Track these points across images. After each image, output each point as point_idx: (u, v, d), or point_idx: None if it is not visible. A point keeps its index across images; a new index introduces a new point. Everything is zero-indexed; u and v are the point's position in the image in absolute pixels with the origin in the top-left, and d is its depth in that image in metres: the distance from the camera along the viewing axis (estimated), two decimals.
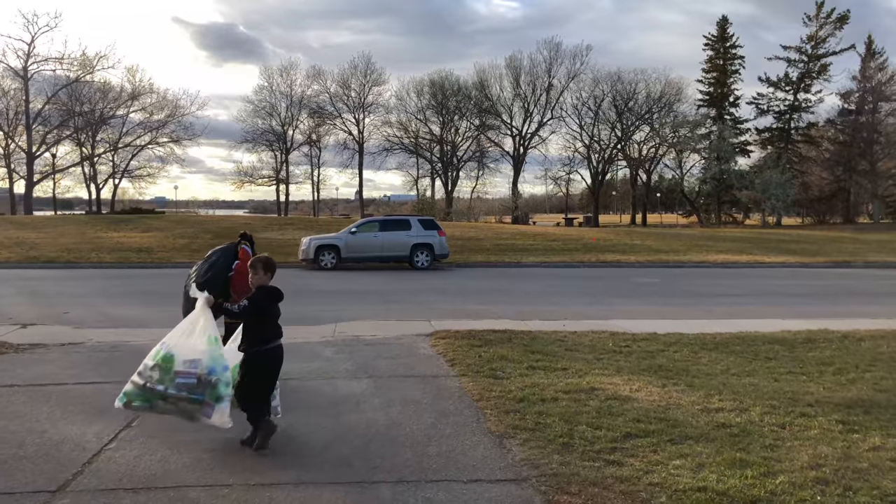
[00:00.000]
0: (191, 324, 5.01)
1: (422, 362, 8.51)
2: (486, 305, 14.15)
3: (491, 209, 76.24)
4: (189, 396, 4.85)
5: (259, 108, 68.34)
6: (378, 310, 13.42)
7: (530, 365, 8.16)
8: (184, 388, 4.84)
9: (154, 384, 4.87)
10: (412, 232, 23.26)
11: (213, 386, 4.90)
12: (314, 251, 22.42)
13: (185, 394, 4.84)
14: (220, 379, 4.93)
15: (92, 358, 8.81)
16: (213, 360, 4.93)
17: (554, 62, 70.29)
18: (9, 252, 24.69)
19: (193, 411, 4.90)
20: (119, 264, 23.17)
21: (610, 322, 11.82)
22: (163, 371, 4.88)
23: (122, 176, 65.68)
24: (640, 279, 20.83)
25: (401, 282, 19.30)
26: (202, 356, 4.91)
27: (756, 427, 5.82)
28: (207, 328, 4.98)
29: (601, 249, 29.57)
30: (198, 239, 28.67)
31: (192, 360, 4.89)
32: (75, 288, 17.24)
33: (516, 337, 10.01)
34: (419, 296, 16.01)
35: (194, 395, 4.85)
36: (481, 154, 72.76)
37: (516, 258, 26.44)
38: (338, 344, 9.65)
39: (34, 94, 57.48)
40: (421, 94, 70.66)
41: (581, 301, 15.38)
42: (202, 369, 4.89)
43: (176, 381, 4.84)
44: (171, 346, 4.94)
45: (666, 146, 70.50)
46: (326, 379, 7.64)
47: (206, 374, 4.89)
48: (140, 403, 4.91)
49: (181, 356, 4.88)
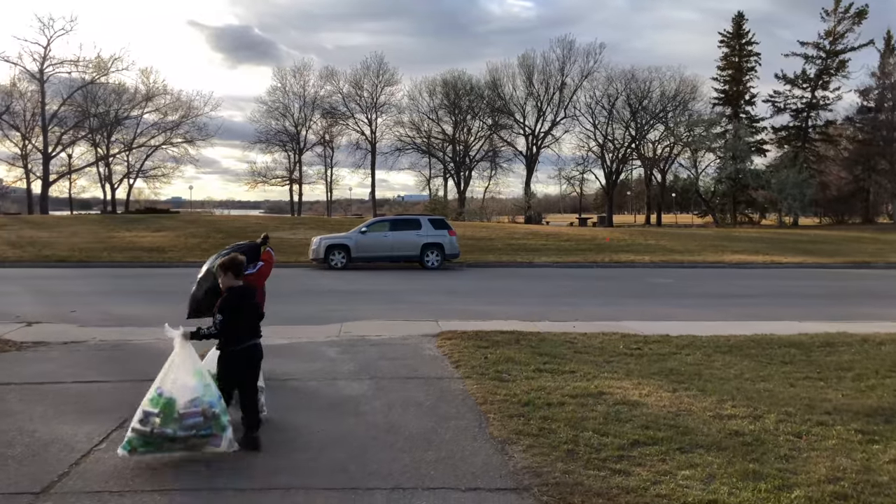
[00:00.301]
0: (177, 364, 5.04)
1: (426, 363, 8.31)
2: (496, 306, 13.93)
3: (504, 209, 75.90)
4: (198, 434, 4.93)
5: (272, 108, 68.54)
6: (386, 310, 13.24)
7: (537, 367, 7.95)
8: (192, 428, 4.91)
9: (161, 429, 4.86)
10: (422, 231, 23.07)
11: (217, 417, 5.00)
12: (324, 251, 22.29)
13: (195, 432, 4.92)
14: (220, 409, 5.02)
15: (93, 357, 8.71)
16: (208, 393, 5.01)
17: (567, 61, 69.86)
18: (21, 251, 24.78)
19: (202, 445, 4.97)
20: (130, 263, 23.16)
21: (622, 323, 11.58)
22: (166, 416, 4.89)
23: (136, 176, 66.15)
24: (654, 280, 20.53)
25: (410, 282, 19.12)
26: (198, 393, 4.97)
27: (770, 436, 5.57)
28: (193, 364, 5.05)
29: (614, 249, 29.24)
30: (209, 238, 28.62)
31: (192, 399, 4.95)
32: (84, 287, 17.21)
33: (524, 338, 9.80)
34: (428, 296, 15.83)
35: (203, 431, 4.94)
36: (494, 154, 72.32)
37: (528, 258, 26.19)
38: (342, 344, 9.47)
39: (50, 96, 58.10)
40: (433, 94, 70.55)
41: (593, 302, 15.12)
42: (204, 405, 4.97)
43: (183, 422, 4.89)
44: (169, 391, 4.96)
45: (681, 145, 69.79)
46: (328, 380, 7.47)
47: (209, 408, 4.98)
48: (146, 449, 4.87)
49: (181, 398, 4.93)
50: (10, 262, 22.95)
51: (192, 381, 4.97)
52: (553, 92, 70.56)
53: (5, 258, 23.42)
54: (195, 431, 4.89)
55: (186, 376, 4.98)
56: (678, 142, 69.50)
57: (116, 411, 6.05)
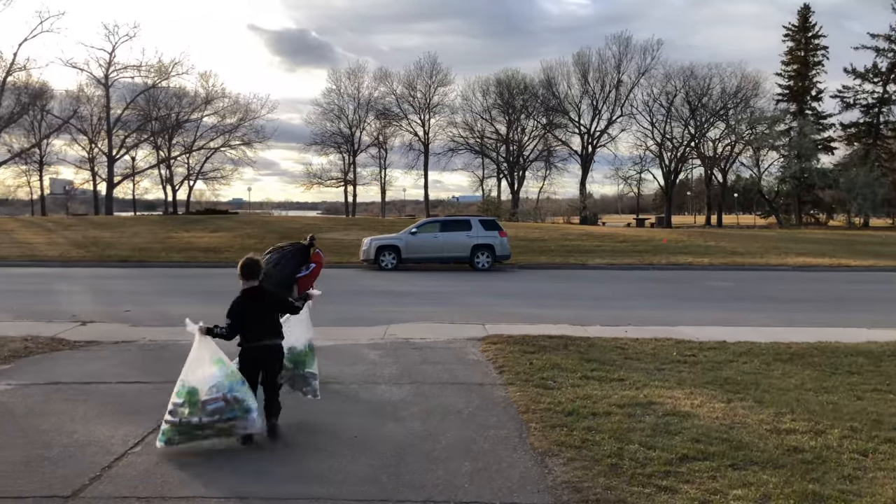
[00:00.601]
0: (197, 356, 5.28)
1: (469, 368, 8.11)
2: (546, 309, 13.64)
3: (559, 210, 74.93)
4: (223, 418, 5.15)
5: (328, 110, 69.23)
6: (433, 312, 13.09)
7: (584, 374, 7.66)
8: (216, 413, 5.14)
9: (188, 417, 5.11)
10: (473, 232, 22.87)
11: (239, 402, 5.19)
12: (375, 252, 22.33)
13: (218, 417, 5.14)
14: (242, 393, 5.22)
15: (140, 357, 8.81)
16: (229, 379, 5.23)
17: (623, 58, 68.21)
18: (86, 251, 25.61)
19: (230, 429, 5.20)
20: (187, 263, 23.66)
21: (676, 328, 11.15)
22: (191, 404, 5.14)
23: (196, 178, 67.99)
24: (713, 282, 19.84)
25: (460, 283, 18.95)
26: (218, 379, 5.20)
27: (833, 453, 5.18)
28: (211, 354, 5.28)
29: (672, 251, 28.47)
30: (265, 239, 28.98)
31: (213, 385, 5.18)
32: (142, 286, 17.61)
33: (573, 343, 9.50)
34: (477, 298, 15.63)
35: (227, 415, 5.16)
36: (548, 153, 71.39)
37: (581, 260, 25.71)
38: (385, 347, 9.35)
39: (115, 101, 60.14)
40: (487, 94, 70.12)
41: (648, 305, 14.66)
42: (224, 390, 5.18)
43: (206, 408, 5.13)
44: (191, 381, 5.22)
45: (742, 144, 67.47)
46: (368, 384, 7.35)
47: (228, 392, 5.18)
48: (180, 438, 5.11)
49: (202, 386, 5.18)
50: (74, 261, 23.74)
51: (212, 369, 5.19)
52: (609, 90, 69.20)
53: (70, 258, 24.24)
54: (218, 416, 5.11)
55: (206, 366, 5.21)
56: (739, 140, 67.24)
57: (155, 413, 6.03)
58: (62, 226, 34.07)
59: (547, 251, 27.97)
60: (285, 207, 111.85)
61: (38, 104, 55.94)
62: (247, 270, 5.52)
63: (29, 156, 59.89)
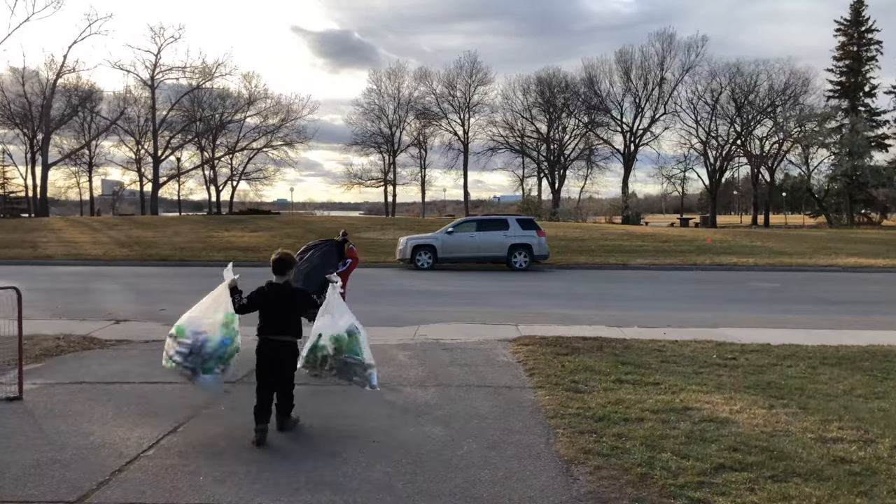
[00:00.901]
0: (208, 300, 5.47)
1: (498, 371, 7.87)
2: (583, 310, 13.30)
3: (600, 209, 73.85)
4: (182, 365, 5.31)
5: (368, 110, 69.56)
6: (466, 312, 12.87)
7: (618, 378, 7.36)
8: (181, 356, 5.31)
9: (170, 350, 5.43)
10: (510, 232, 22.56)
11: (202, 358, 5.27)
12: (411, 251, 22.20)
13: (181, 361, 5.30)
14: (207, 353, 5.26)
15: None
16: (208, 333, 5.29)
17: (667, 55, 66.83)
18: (129, 250, 26.08)
19: (189, 377, 5.39)
20: (224, 262, 23.82)
21: (718, 330, 10.73)
22: (174, 339, 5.44)
23: (239, 178, 68.91)
24: (758, 283, 19.19)
25: (496, 283, 18.68)
26: (203, 328, 5.30)
27: (883, 464, 4.81)
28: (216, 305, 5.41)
29: (716, 251, 27.71)
30: (303, 239, 29.08)
31: (195, 330, 5.30)
32: (180, 285, 17.76)
33: (608, 345, 9.19)
34: (513, 298, 15.35)
35: (185, 365, 5.30)
36: (590, 152, 70.47)
37: (622, 260, 25.17)
38: (415, 348, 9.16)
39: (160, 103, 61.39)
40: (527, 93, 69.44)
41: (688, 306, 14.19)
42: (198, 341, 5.28)
43: (177, 348, 5.35)
44: (184, 320, 5.45)
45: (791, 141, 65.48)
46: (393, 386, 7.15)
47: (200, 344, 5.26)
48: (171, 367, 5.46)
49: (189, 328, 5.36)
50: (117, 260, 24.19)
51: (207, 318, 5.34)
52: (652, 88, 67.91)
53: (113, 257, 24.70)
54: (181, 361, 5.30)
55: (206, 312, 5.38)
56: (788, 138, 65.30)
57: (174, 414, 5.96)
58: (107, 225, 34.81)
59: (586, 251, 27.49)
60: (328, 208, 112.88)
61: (87, 106, 57.44)
62: (277, 265, 5.57)
63: (79, 157, 61.55)
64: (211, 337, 5.27)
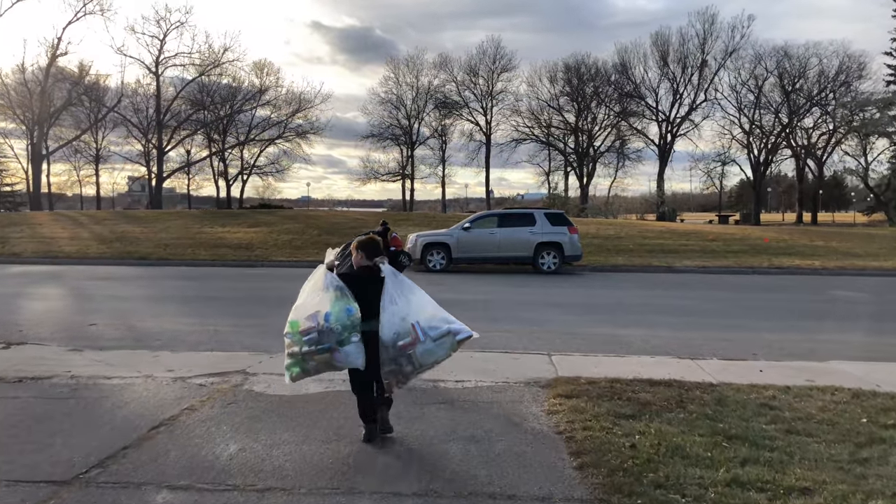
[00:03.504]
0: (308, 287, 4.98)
1: (527, 454, 4.75)
2: (632, 328, 10.17)
3: (631, 206, 69.77)
4: (319, 348, 4.80)
5: (385, 100, 65.85)
6: (483, 329, 9.67)
7: (733, 477, 4.27)
8: (312, 343, 4.81)
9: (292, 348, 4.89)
10: (536, 228, 19.35)
11: (333, 332, 4.76)
12: (421, 250, 19.13)
13: (315, 347, 4.80)
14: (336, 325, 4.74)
15: (29, 408, 5.82)
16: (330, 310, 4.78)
17: (708, 36, 61.73)
18: (106, 247, 23.37)
19: (329, 360, 4.85)
20: (211, 262, 21.08)
21: (830, 366, 7.66)
22: (292, 336, 4.88)
23: (250, 172, 65.71)
24: (837, 292, 15.83)
25: (520, 290, 15.50)
26: (317, 308, 4.81)
27: None
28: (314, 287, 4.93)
29: (773, 252, 24.28)
30: (303, 235, 26.30)
31: (310, 314, 4.84)
32: (139, 290, 14.86)
33: (691, 397, 6.07)
34: (542, 311, 12.19)
35: (322, 345, 4.79)
36: (622, 143, 65.97)
37: (666, 262, 21.85)
38: (399, 397, 6.05)
39: (168, 94, 58.22)
40: (554, 81, 65.25)
41: (766, 325, 10.95)
42: (320, 319, 4.79)
43: (303, 338, 4.83)
44: (292, 314, 4.92)
45: (843, 132, 60.30)
46: (329, 496, 4.06)
47: (324, 322, 4.78)
48: (298, 371, 4.92)
49: (301, 316, 4.86)
50: (89, 258, 21.55)
51: (315, 299, 4.87)
52: (691, 72, 62.87)
53: (86, 255, 22.05)
54: (315, 346, 4.80)
55: (311, 296, 4.90)
56: (839, 127, 60.08)
57: None
58: (95, 220, 32.10)
59: (624, 251, 24.19)
60: (348, 205, 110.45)
61: (79, 90, 53.99)
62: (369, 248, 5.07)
63: (82, 150, 59.04)
64: (331, 310, 4.78)
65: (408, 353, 4.76)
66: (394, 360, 4.76)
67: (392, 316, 4.76)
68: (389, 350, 4.74)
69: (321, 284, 4.89)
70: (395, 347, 4.74)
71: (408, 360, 4.78)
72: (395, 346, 4.74)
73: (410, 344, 4.74)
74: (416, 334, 4.76)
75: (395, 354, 4.75)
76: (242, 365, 7.39)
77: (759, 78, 61.03)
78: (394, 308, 4.80)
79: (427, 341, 4.79)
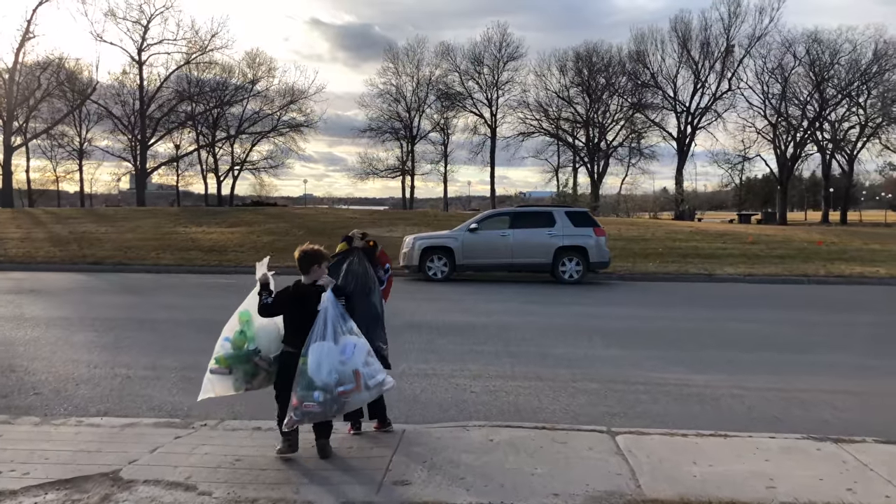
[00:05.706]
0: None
1: None
2: (707, 371, 7.21)
3: (644, 204, 66.33)
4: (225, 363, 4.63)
5: (384, 91, 62.06)
6: (505, 377, 6.79)
7: None
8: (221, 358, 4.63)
9: None
10: (556, 229, 16.28)
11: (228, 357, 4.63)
12: (419, 255, 16.09)
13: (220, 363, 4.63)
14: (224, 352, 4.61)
15: None
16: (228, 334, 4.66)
17: (733, 20, 57.42)
18: (59, 249, 20.35)
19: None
20: (177, 267, 18.07)
21: None
22: None
23: (241, 167, 62.17)
24: None
25: (542, 308, 12.44)
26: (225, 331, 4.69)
27: None
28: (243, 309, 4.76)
29: (825, 257, 21.18)
30: (287, 236, 23.27)
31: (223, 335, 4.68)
32: (58, 309, 11.83)
33: None
34: (576, 342, 9.11)
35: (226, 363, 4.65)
36: (637, 137, 61.85)
37: (704, 268, 18.75)
38: None
39: (150, 82, 54.77)
40: (564, 71, 61.38)
41: (876, 361, 7.95)
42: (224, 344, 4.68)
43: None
44: None
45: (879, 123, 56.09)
46: None
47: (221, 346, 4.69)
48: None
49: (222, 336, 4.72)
50: (35, 262, 18.58)
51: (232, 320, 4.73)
52: (715, 59, 58.50)
53: (33, 258, 19.04)
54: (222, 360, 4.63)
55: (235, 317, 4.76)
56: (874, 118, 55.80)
57: None
58: (57, 219, 29.14)
59: (653, 254, 21.11)
60: (348, 203, 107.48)
61: (69, 85, 50.88)
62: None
63: (62, 143, 55.76)
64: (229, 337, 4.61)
65: (343, 399, 4.26)
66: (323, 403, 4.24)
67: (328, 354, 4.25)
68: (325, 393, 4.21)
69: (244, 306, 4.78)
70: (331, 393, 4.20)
71: (340, 406, 4.27)
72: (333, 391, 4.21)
73: (352, 391, 4.26)
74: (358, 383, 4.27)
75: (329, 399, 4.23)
76: (122, 458, 4.41)
77: (785, 67, 56.82)
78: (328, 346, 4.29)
79: (364, 391, 4.32)
